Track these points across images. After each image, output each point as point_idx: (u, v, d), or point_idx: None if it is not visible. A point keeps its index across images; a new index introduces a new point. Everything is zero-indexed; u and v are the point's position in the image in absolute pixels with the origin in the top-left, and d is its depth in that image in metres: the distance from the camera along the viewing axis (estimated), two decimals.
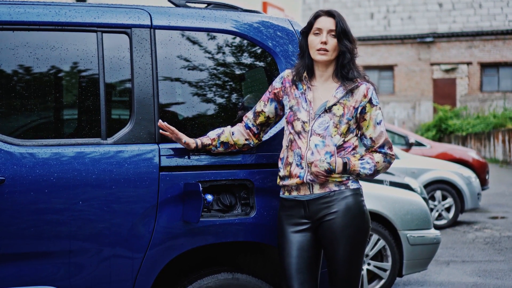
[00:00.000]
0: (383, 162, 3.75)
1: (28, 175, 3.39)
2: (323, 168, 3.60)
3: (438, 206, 11.51)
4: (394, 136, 13.78)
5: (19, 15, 3.54)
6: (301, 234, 3.68)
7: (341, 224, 3.62)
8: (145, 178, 3.57)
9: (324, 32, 3.68)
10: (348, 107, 3.67)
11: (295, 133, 3.67)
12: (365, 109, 3.71)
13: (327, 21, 3.70)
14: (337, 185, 3.65)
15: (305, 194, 3.66)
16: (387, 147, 3.77)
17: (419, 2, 35.98)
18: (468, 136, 29.23)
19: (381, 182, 7.58)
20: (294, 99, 3.72)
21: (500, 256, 8.79)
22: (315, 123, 3.65)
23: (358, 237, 3.67)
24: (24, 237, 3.39)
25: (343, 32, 3.68)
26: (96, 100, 3.63)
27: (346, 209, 3.63)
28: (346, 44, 3.68)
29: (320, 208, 3.65)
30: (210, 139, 3.71)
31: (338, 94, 3.68)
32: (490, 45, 34.95)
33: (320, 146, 3.62)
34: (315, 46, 3.69)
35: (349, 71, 3.70)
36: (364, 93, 3.70)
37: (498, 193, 16.07)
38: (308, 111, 3.68)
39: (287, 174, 3.68)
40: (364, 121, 3.72)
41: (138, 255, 3.57)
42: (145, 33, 3.74)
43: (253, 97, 4.00)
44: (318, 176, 3.61)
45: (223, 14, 3.98)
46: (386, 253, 6.38)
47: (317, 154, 3.61)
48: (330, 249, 3.66)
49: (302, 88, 3.73)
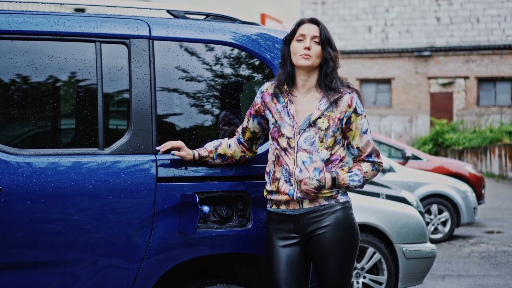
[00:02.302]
0: (371, 171, 3.74)
1: (24, 184, 3.39)
2: (313, 186, 3.57)
3: (434, 220, 11.51)
4: (390, 149, 13.79)
5: (18, 25, 3.55)
6: (290, 248, 3.66)
7: (331, 238, 3.61)
8: (142, 189, 3.57)
9: (307, 38, 3.64)
10: (333, 119, 3.64)
11: (281, 149, 3.64)
12: (351, 119, 3.68)
13: (311, 28, 3.67)
14: (327, 199, 3.64)
15: (294, 208, 3.64)
16: (374, 155, 3.75)
17: (417, 16, 36.08)
18: (465, 150, 29.25)
19: (377, 195, 7.58)
20: (276, 113, 3.68)
21: (496, 271, 8.78)
22: (300, 138, 3.62)
23: (348, 250, 3.66)
24: (20, 247, 3.39)
25: (327, 39, 3.65)
26: (94, 110, 3.63)
27: (336, 223, 3.62)
28: (329, 51, 3.65)
29: (310, 223, 3.63)
30: (207, 151, 3.71)
31: (321, 106, 3.64)
32: (487, 60, 35.03)
33: (308, 163, 3.60)
34: (298, 52, 3.64)
35: (332, 80, 3.66)
36: (348, 103, 3.66)
37: (494, 208, 16.07)
38: (292, 126, 3.64)
39: (274, 189, 3.66)
40: (350, 131, 3.70)
41: (134, 266, 3.56)
42: (143, 43, 3.74)
43: (230, 113, 3.99)
44: (308, 194, 3.59)
45: (222, 25, 3.99)
46: (381, 267, 6.37)
47: (306, 171, 3.59)
48: (321, 262, 3.64)
49: (284, 101, 3.68)
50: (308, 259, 3.71)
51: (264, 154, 3.89)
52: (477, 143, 29.13)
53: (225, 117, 3.96)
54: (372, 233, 6.36)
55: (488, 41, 35.25)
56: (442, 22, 35.80)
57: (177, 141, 3.66)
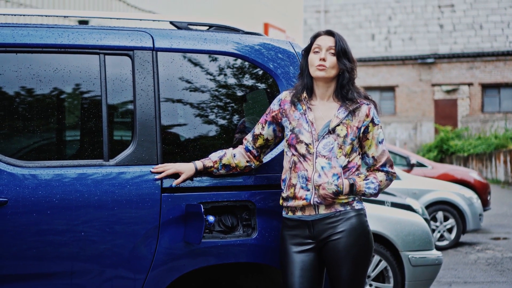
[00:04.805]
0: (385, 181, 3.79)
1: (30, 196, 3.40)
2: (331, 191, 3.61)
3: (440, 227, 11.49)
4: (395, 157, 13.78)
5: (22, 38, 3.57)
6: (304, 254, 3.68)
7: (346, 244, 3.63)
8: (147, 200, 3.58)
9: (323, 49, 3.69)
10: (351, 127, 3.69)
11: (299, 155, 3.67)
12: (368, 128, 3.73)
13: (327, 39, 3.72)
14: (343, 205, 3.67)
15: (310, 214, 3.67)
16: (388, 165, 3.80)
17: (420, 23, 36.11)
18: (470, 157, 29.21)
19: (382, 203, 7.57)
20: (294, 120, 3.72)
21: (502, 277, 8.77)
22: (320, 144, 3.66)
23: (362, 257, 3.68)
24: (27, 258, 3.40)
25: (342, 51, 3.70)
26: (98, 121, 3.64)
27: (351, 229, 3.65)
28: (345, 63, 3.69)
29: (325, 228, 3.66)
30: (212, 161, 3.72)
31: (340, 114, 3.69)
32: (491, 66, 35.03)
33: (327, 168, 3.63)
34: (314, 64, 3.69)
35: (348, 91, 3.71)
36: (366, 112, 3.72)
37: (500, 214, 16.03)
38: (311, 132, 3.68)
39: (291, 195, 3.68)
40: (367, 141, 3.75)
41: (140, 276, 3.57)
42: (147, 55, 3.76)
43: (249, 120, 4.02)
44: (326, 199, 3.62)
45: (225, 36, 4.00)
46: (387, 274, 6.36)
47: (325, 176, 3.62)
48: (334, 269, 3.66)
49: (302, 109, 3.73)
50: (322, 265, 3.73)
51: (269, 164, 3.90)
52: (482, 150, 29.09)
53: (241, 125, 3.99)
54: (378, 241, 6.35)
55: (491, 48, 35.26)
56: (445, 29, 35.82)
57: (171, 168, 3.63)
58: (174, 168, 3.64)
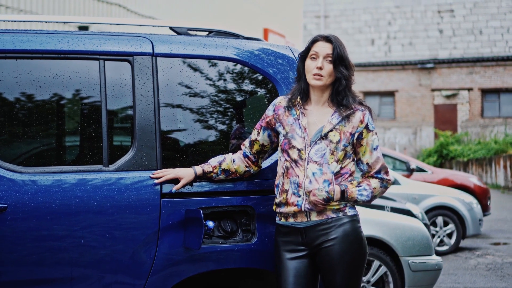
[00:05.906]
0: (379, 188, 3.76)
1: (30, 202, 3.40)
2: (321, 197, 3.60)
3: (439, 232, 11.49)
4: (395, 161, 13.78)
5: (22, 44, 3.58)
6: (298, 261, 3.67)
7: (339, 251, 3.62)
8: (147, 205, 3.58)
9: (320, 57, 3.68)
10: (344, 133, 3.67)
11: (291, 160, 3.67)
12: (362, 134, 3.71)
13: (324, 46, 3.70)
14: (335, 212, 3.65)
15: (302, 221, 3.66)
16: (383, 172, 3.78)
17: (420, 29, 36.14)
18: (470, 161, 29.20)
19: (382, 208, 7.57)
20: (288, 126, 3.71)
21: (502, 283, 8.76)
22: (312, 150, 3.65)
23: (356, 263, 3.67)
24: (26, 264, 3.40)
25: (339, 58, 3.67)
26: (98, 127, 3.65)
27: (344, 235, 3.63)
28: (342, 70, 3.67)
29: (318, 235, 3.65)
30: (211, 167, 3.72)
31: (333, 120, 3.68)
32: (491, 71, 35.03)
33: (318, 174, 3.62)
34: (311, 71, 3.68)
35: (343, 98, 3.70)
36: (360, 118, 3.70)
37: (500, 219, 16.03)
38: (303, 138, 3.67)
39: (283, 201, 3.68)
40: (361, 147, 3.73)
41: (139, 282, 3.57)
42: (147, 60, 3.77)
43: (242, 127, 4.01)
44: (316, 205, 3.61)
45: (224, 41, 4.01)
46: (387, 280, 6.36)
47: (315, 182, 3.61)
48: (328, 275, 3.65)
49: (296, 114, 3.72)
50: (316, 272, 3.72)
51: (268, 169, 3.90)
52: (482, 155, 29.09)
53: (237, 131, 3.99)
54: (377, 246, 6.35)
55: (491, 53, 35.26)
56: (445, 34, 35.84)
57: (170, 173, 3.65)
58: (174, 173, 3.64)
